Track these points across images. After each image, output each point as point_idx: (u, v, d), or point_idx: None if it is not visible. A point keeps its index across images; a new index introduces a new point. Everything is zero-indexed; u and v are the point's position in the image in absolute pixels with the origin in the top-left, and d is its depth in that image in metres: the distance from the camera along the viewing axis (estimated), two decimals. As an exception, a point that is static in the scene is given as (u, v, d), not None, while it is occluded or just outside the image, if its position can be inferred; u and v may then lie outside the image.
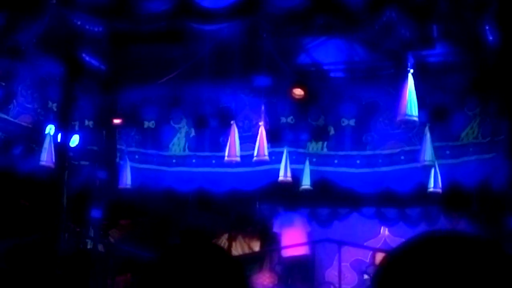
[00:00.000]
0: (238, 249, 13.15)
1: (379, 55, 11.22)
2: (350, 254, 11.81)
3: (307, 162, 11.97)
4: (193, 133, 12.83)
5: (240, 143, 11.22)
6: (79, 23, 9.73)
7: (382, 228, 12.64)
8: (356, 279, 12.27)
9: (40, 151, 11.32)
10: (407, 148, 11.70)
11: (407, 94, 9.23)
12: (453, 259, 1.24)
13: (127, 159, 12.44)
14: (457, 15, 9.05)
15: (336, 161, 12.21)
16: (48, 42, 10.20)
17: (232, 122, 11.37)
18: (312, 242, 11.45)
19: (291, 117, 12.27)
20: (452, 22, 9.22)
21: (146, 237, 12.53)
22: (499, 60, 9.66)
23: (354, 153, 12.13)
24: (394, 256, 1.30)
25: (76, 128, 12.23)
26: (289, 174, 11.50)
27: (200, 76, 11.29)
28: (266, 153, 11.07)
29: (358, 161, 12.10)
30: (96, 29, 9.82)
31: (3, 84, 11.54)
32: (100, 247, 11.50)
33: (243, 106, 12.44)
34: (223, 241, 13.10)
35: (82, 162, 12.24)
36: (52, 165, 11.10)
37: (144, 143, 12.98)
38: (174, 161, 12.90)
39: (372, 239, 12.45)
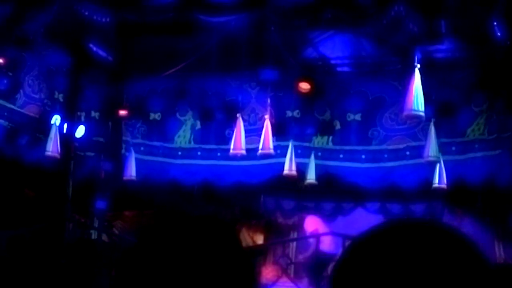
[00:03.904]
0: (241, 242, 13.15)
1: (386, 50, 11.20)
2: (353, 249, 11.79)
3: (312, 156, 11.96)
4: (198, 125, 12.83)
5: (246, 136, 11.23)
6: (86, 13, 9.75)
7: (386, 223, 12.62)
8: (359, 274, 12.25)
9: (46, 142, 11.34)
10: (412, 144, 11.68)
11: (413, 89, 9.23)
12: (411, 246, 1.24)
13: (133, 150, 12.45)
14: (465, 11, 9.04)
15: (341, 156, 12.20)
16: (56, 32, 10.22)
17: (238, 115, 11.38)
18: (317, 235, 11.45)
19: (297, 111, 12.25)
20: (460, 17, 9.21)
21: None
22: (507, 56, 9.65)
23: (360, 148, 12.12)
24: (352, 245, 1.31)
25: (82, 119, 12.24)
26: (294, 168, 11.49)
27: (207, 68, 11.31)
28: (272, 146, 11.08)
29: (363, 156, 12.09)
30: (103, 20, 9.84)
31: (10, 74, 11.56)
32: (105, 238, 11.53)
33: (249, 99, 12.44)
34: (227, 234, 13.11)
35: (88, 153, 12.26)
36: (57, 156, 11.12)
37: (149, 135, 13.00)
38: (179, 153, 12.90)
39: (376, 235, 12.43)
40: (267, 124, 11.06)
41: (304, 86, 11.51)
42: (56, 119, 11.42)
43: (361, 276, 1.24)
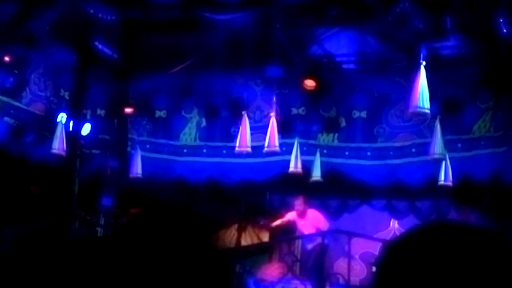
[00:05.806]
0: (247, 239, 13.16)
1: (392, 46, 11.17)
2: (359, 246, 11.80)
3: (318, 154, 11.96)
4: (204, 123, 12.84)
5: (251, 134, 11.22)
6: (92, 11, 9.76)
7: (392, 220, 12.61)
8: (365, 271, 12.26)
9: (52, 139, 11.35)
10: (418, 141, 11.67)
11: (419, 86, 9.20)
12: (455, 248, 1.24)
13: (138, 148, 12.47)
14: (471, 7, 9.01)
15: (347, 153, 12.20)
16: (61, 30, 10.24)
17: (243, 112, 11.36)
18: (323, 233, 11.44)
19: (303, 108, 12.26)
20: (466, 14, 9.18)
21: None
22: (513, 53, 9.63)
23: (365, 145, 12.12)
24: (395, 243, 1.30)
25: (88, 116, 12.27)
26: (299, 165, 11.48)
27: (212, 66, 11.30)
28: (277, 144, 11.06)
29: (369, 153, 12.08)
30: (109, 18, 9.85)
31: (16, 71, 11.57)
32: (111, 235, 11.54)
33: (254, 96, 12.44)
34: (233, 231, 13.13)
35: (94, 151, 12.28)
36: (63, 153, 11.14)
37: (155, 132, 13.02)
38: (185, 150, 12.93)
39: (382, 232, 12.43)
40: (273, 122, 11.05)
41: (310, 83, 11.49)
42: (62, 117, 11.43)
43: (406, 278, 1.24)
